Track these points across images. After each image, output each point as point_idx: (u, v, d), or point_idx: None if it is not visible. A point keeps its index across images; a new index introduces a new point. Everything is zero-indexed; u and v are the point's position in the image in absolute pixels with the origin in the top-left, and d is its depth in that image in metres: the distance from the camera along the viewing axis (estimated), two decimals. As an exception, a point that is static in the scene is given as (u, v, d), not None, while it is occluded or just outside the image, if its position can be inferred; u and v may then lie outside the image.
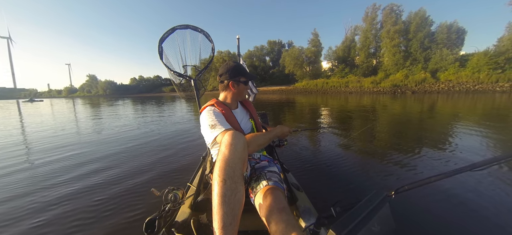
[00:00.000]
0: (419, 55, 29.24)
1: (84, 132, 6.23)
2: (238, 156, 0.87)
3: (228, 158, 0.84)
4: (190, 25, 2.15)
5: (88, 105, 20.40)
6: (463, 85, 23.37)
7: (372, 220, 0.60)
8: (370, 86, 29.09)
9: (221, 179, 0.80)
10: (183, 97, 2.39)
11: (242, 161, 0.89)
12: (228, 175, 0.81)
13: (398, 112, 8.64)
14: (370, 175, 2.68)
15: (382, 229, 0.62)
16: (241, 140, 0.92)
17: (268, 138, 1.23)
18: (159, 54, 2.07)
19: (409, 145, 3.81)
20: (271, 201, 0.92)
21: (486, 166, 0.70)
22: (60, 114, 12.62)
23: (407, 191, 0.70)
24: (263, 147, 1.26)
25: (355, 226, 0.57)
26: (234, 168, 0.83)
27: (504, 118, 6.40)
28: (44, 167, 3.32)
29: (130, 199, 2.24)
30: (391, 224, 0.67)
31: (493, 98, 13.44)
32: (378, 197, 0.68)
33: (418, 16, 29.48)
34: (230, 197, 0.78)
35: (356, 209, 0.64)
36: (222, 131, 1.08)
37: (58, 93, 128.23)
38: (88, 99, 37.64)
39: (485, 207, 1.88)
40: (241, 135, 0.94)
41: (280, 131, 1.36)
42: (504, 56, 22.68)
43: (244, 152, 0.91)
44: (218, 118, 1.17)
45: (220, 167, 0.83)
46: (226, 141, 0.90)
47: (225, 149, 0.87)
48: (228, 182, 0.80)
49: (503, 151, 3.37)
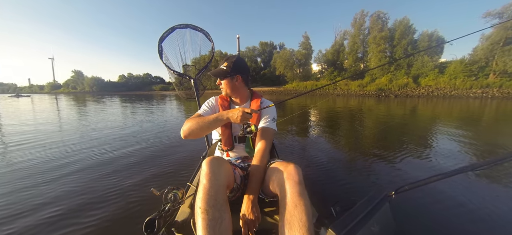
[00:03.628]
0: (402, 61, 30.72)
1: (82, 131, 6.10)
2: (218, 184, 0.85)
3: (208, 188, 0.83)
4: (190, 25, 2.17)
5: (80, 103, 19.60)
6: (441, 90, 24.82)
7: (371, 220, 0.60)
8: (356, 89, 30.27)
9: (202, 210, 0.77)
10: (183, 97, 2.41)
11: (224, 187, 0.88)
12: (210, 204, 0.79)
13: (394, 114, 8.96)
14: (370, 175, 2.68)
15: (381, 229, 0.61)
16: (222, 166, 0.91)
17: (212, 122, 1.12)
18: (159, 54, 2.09)
19: (408, 145, 3.87)
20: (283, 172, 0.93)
21: (486, 167, 0.70)
22: (55, 109, 12.29)
23: (407, 191, 0.69)
24: (208, 131, 1.18)
25: (355, 226, 0.57)
26: (215, 196, 0.81)
27: (481, 124, 6.91)
28: (44, 166, 3.27)
29: (129, 198, 2.23)
30: (391, 224, 0.67)
31: (467, 103, 14.37)
32: (377, 197, 0.67)
33: (402, 24, 31.00)
34: (214, 228, 0.75)
35: (355, 208, 0.63)
36: (196, 113, 1.29)
37: (40, 88, 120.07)
38: (73, 96, 35.79)
39: (485, 208, 1.87)
40: (221, 161, 0.93)
41: (226, 114, 1.12)
42: (478, 65, 24.49)
43: (227, 178, 0.91)
44: (207, 104, 1.37)
45: (201, 198, 0.81)
46: (204, 172, 0.88)
47: (204, 180, 0.86)
48: (211, 211, 0.77)
49: (503, 151, 3.40)
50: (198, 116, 1.24)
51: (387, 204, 0.67)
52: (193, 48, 2.24)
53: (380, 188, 1.41)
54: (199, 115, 1.26)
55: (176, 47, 2.18)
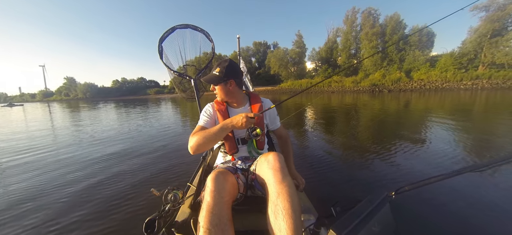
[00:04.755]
0: (394, 56, 31.20)
1: (83, 134, 6.10)
2: (222, 201, 0.86)
3: (212, 206, 0.83)
4: (190, 25, 2.18)
5: (75, 110, 19.42)
6: (433, 83, 25.37)
7: (372, 220, 0.60)
8: (351, 86, 30.62)
9: (205, 229, 0.78)
10: (183, 97, 2.41)
11: (228, 204, 0.89)
12: (213, 223, 0.80)
13: (389, 109, 9.13)
14: (370, 175, 2.68)
15: (382, 229, 0.61)
16: (227, 182, 0.93)
17: (218, 133, 1.13)
18: (159, 54, 2.10)
19: (404, 142, 3.87)
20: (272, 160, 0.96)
21: (486, 168, 0.70)
22: (48, 117, 12.30)
23: (408, 191, 0.69)
24: (215, 142, 1.18)
25: (356, 226, 0.57)
26: (219, 215, 0.82)
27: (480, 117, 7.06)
28: (44, 166, 3.31)
29: (130, 199, 2.24)
30: (392, 224, 0.67)
31: (458, 95, 14.75)
32: (378, 197, 0.67)
33: (393, 20, 31.49)
34: None
35: (356, 209, 0.64)
36: (198, 125, 1.27)
37: (31, 97, 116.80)
38: (67, 104, 35.24)
39: (485, 208, 1.88)
40: (226, 175, 0.96)
41: (230, 123, 1.14)
42: (467, 57, 25.11)
43: (231, 195, 0.92)
44: (206, 113, 1.33)
45: (204, 217, 0.81)
46: (208, 188, 0.89)
47: (208, 197, 0.86)
48: (213, 231, 0.78)
49: (503, 152, 3.44)
50: (200, 128, 1.23)
51: (388, 205, 0.67)
52: (193, 48, 2.26)
53: (380, 188, 1.44)
54: (201, 127, 1.26)
55: (176, 47, 2.20)
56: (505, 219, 1.75)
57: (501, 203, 1.96)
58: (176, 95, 55.51)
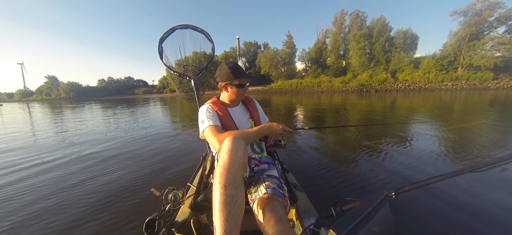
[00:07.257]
0: (381, 57, 32.39)
1: (81, 133, 5.97)
2: (238, 162, 0.88)
3: (228, 165, 0.86)
4: (190, 25, 2.18)
5: (57, 111, 18.63)
6: (417, 84, 26.62)
7: (372, 221, 0.60)
8: (340, 86, 31.50)
9: (221, 185, 0.81)
10: (184, 97, 2.41)
11: (242, 166, 0.91)
12: (229, 181, 0.82)
13: (376, 110, 9.38)
14: (370, 175, 2.68)
15: (382, 230, 0.62)
16: (241, 145, 0.94)
17: (254, 135, 1.17)
18: (159, 54, 2.09)
19: (406, 144, 3.83)
20: (268, 211, 0.92)
21: (486, 168, 0.69)
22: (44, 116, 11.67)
23: (407, 192, 0.70)
24: (249, 143, 1.22)
25: (356, 226, 0.57)
26: (234, 174, 0.84)
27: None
28: (44, 167, 3.23)
29: (130, 199, 2.23)
30: (392, 224, 0.67)
31: (439, 95, 15.48)
32: (378, 197, 0.67)
33: (379, 22, 32.70)
34: (230, 204, 0.79)
35: (356, 209, 0.64)
36: (209, 126, 1.18)
37: (8, 97, 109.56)
38: (49, 104, 33.34)
39: (485, 209, 1.88)
40: (241, 140, 0.97)
41: (267, 129, 1.22)
42: (447, 59, 26.62)
43: (244, 157, 0.93)
44: (208, 114, 1.26)
45: (221, 173, 0.84)
46: (226, 147, 0.91)
47: (225, 155, 0.88)
48: (229, 188, 0.81)
49: (503, 152, 3.43)
50: (217, 128, 1.20)
51: (388, 205, 0.67)
52: (193, 48, 2.26)
53: (380, 188, 1.41)
54: (217, 126, 1.22)
55: (176, 48, 2.19)
56: (505, 219, 1.75)
57: (501, 203, 1.95)
58: (165, 95, 54.14)
